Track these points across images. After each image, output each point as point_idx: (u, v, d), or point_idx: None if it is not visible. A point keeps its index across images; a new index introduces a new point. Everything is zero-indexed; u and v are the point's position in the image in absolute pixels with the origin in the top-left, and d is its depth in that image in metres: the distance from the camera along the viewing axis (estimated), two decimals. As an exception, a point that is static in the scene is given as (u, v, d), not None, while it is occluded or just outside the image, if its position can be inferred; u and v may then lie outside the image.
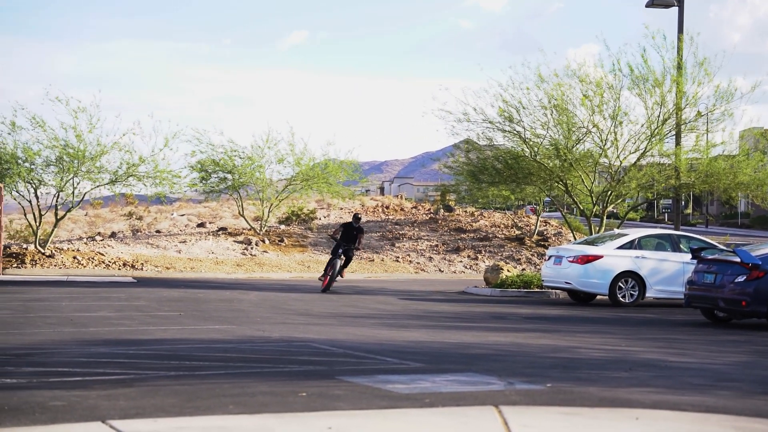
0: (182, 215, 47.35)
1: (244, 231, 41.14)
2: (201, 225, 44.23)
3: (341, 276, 27.33)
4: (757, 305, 18.40)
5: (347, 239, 27.26)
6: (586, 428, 8.20)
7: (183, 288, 26.06)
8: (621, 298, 23.70)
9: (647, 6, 30.49)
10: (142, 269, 32.31)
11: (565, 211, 44.30)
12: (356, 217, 28.37)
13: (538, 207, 46.06)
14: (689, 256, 22.05)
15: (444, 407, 9.11)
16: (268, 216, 41.94)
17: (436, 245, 40.36)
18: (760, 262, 18.63)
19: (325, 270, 26.89)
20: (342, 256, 26.85)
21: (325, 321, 18.40)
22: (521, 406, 9.27)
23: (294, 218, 44.97)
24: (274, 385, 10.29)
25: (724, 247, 22.13)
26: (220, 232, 40.91)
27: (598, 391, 10.37)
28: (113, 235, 40.95)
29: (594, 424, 8.38)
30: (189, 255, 36.15)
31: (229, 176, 40.19)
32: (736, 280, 18.70)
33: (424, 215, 48.24)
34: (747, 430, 8.21)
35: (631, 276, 23.78)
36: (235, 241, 38.85)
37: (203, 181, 40.39)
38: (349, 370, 11.65)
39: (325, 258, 38.21)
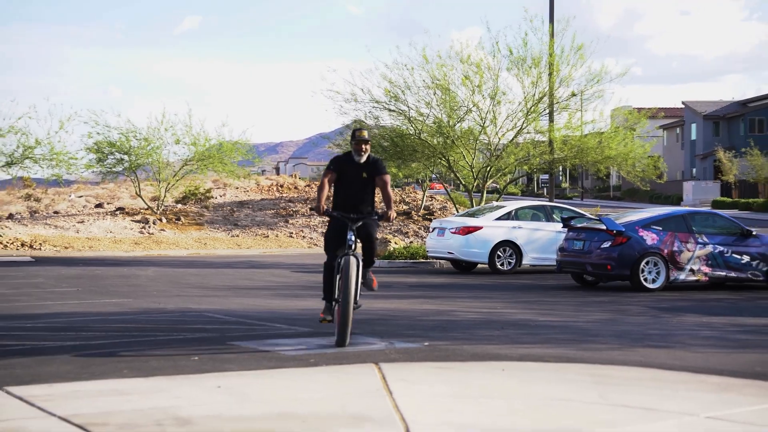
0: (80, 196, 46.63)
1: (141, 210, 40.76)
2: (99, 206, 43.64)
3: (368, 286, 11.76)
4: (620, 269, 19.08)
5: (353, 200, 11.74)
6: (456, 379, 8.51)
7: (81, 266, 25.79)
8: (500, 266, 24.17)
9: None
10: (40, 249, 31.78)
11: (450, 186, 44.80)
12: (360, 140, 11.56)
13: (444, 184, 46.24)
14: (561, 225, 22.63)
15: (328, 366, 9.35)
16: (165, 196, 41.64)
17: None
18: (624, 229, 19.31)
19: (325, 292, 11.41)
20: (353, 243, 11.40)
21: (220, 293, 18.45)
22: (400, 362, 9.54)
23: (191, 197, 44.67)
24: (168, 351, 10.39)
25: (593, 216, 22.78)
26: (117, 212, 40.46)
27: (471, 348, 10.73)
28: (10, 216, 40.14)
29: (464, 376, 8.72)
30: (87, 234, 35.69)
31: (126, 157, 39.76)
32: (602, 246, 19.35)
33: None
34: (601, 376, 8.64)
35: (508, 245, 24.29)
36: (132, 221, 38.49)
37: (100, 163, 39.88)
38: (240, 335, 11.80)
39: (222, 236, 38.34)
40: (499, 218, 24.70)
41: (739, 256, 19.58)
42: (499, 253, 24.25)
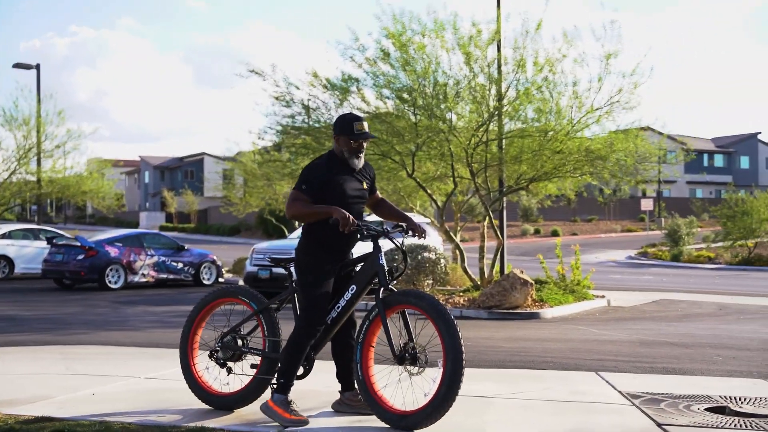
0: None
1: None
2: None
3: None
4: (91, 274, 18.27)
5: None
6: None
7: None
8: (-3, 275, 21.79)
9: (13, 67, 28.46)
10: None
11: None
12: (362, 136, 4.80)
13: None
14: (46, 242, 21.06)
15: None
16: None
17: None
18: (94, 245, 18.55)
19: (294, 367, 4.96)
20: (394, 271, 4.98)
21: None
22: None
23: None
24: None
25: (71, 236, 21.50)
26: None
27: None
28: None
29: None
30: None
31: None
32: (77, 258, 18.36)
33: None
34: (69, 354, 8.08)
35: (2, 258, 21.98)
36: None
37: None
38: None
39: None
40: (-4, 238, 22.25)
41: (176, 264, 19.75)
42: (-6, 264, 21.82)
